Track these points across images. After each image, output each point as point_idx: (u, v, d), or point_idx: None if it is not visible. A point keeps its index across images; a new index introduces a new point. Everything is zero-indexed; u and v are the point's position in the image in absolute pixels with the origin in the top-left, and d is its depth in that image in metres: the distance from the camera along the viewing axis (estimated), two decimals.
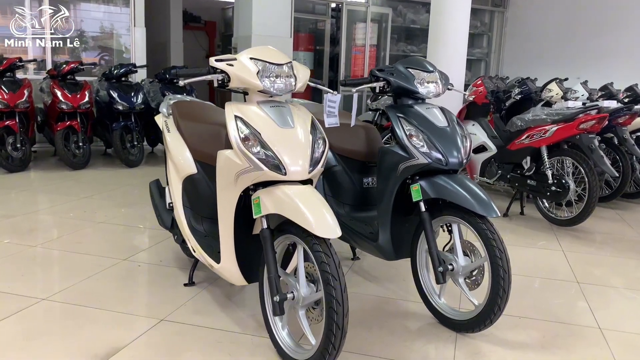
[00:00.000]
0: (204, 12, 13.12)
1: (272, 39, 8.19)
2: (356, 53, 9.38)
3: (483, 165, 4.92)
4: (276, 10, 8.20)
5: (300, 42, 9.56)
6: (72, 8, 8.22)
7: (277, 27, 8.22)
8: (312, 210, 2.02)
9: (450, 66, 5.50)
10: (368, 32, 9.28)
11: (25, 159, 5.80)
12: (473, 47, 10.67)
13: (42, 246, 3.45)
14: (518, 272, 3.37)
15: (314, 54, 9.79)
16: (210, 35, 13.52)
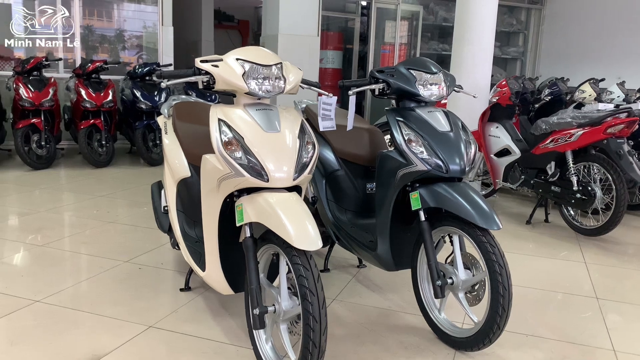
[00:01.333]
0: (237, 11, 13.18)
1: (298, 37, 8.12)
2: (385, 52, 9.20)
3: (506, 170, 4.71)
4: (303, 8, 8.12)
5: (330, 40, 9.45)
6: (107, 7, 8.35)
7: (304, 26, 8.14)
8: (293, 221, 1.91)
9: (475, 65, 5.29)
10: (398, 30, 9.09)
11: (49, 157, 5.88)
12: (508, 45, 10.34)
13: (48, 245, 3.45)
14: (532, 285, 3.19)
15: (343, 52, 9.68)
16: (243, 34, 13.58)
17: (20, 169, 5.72)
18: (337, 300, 2.86)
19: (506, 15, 10.08)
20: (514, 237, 4.15)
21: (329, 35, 9.46)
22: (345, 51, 9.76)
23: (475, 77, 5.31)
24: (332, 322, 2.61)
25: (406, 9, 9.19)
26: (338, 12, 9.47)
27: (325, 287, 2.97)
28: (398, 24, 9.07)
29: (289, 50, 8.13)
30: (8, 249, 3.35)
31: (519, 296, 3.02)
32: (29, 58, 6.08)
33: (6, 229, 3.75)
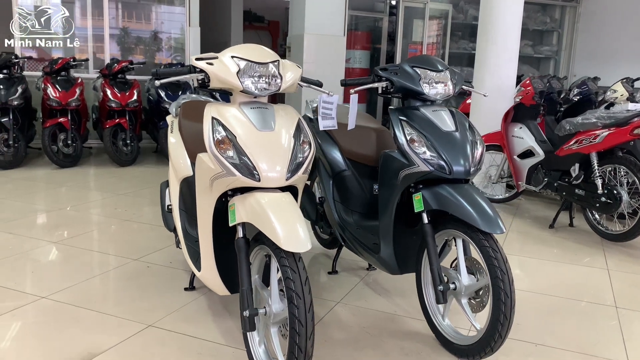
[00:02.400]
0: (268, 11, 13.22)
1: (324, 37, 8.08)
2: (413, 51, 9.07)
3: (529, 172, 4.55)
4: (329, 8, 8.07)
5: (357, 40, 9.38)
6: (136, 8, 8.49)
7: (330, 26, 8.09)
8: (283, 222, 1.87)
9: (499, 65, 5.14)
10: (426, 29, 8.95)
11: (76, 155, 6.00)
12: (542, 44, 10.05)
13: (62, 242, 3.50)
14: (549, 292, 3.07)
15: (371, 52, 9.59)
16: (274, 35, 13.61)
17: (48, 167, 5.84)
18: (342, 303, 2.80)
19: (539, 13, 9.81)
20: (536, 242, 4.01)
21: (357, 35, 9.39)
22: (374, 51, 9.66)
23: (500, 76, 5.17)
24: (333, 326, 2.56)
25: (435, 7, 9.03)
26: (366, 12, 9.39)
27: (332, 290, 2.94)
28: (426, 22, 8.93)
29: (314, 50, 8.10)
30: (23, 245, 3.41)
31: (533, 303, 2.92)
32: (57, 59, 6.22)
33: (25, 225, 3.82)
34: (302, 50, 8.02)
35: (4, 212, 4.11)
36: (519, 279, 3.39)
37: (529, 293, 3.07)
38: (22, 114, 5.85)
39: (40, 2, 7.80)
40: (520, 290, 3.08)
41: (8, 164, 5.64)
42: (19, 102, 5.64)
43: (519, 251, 3.82)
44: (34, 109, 6.33)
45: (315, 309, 2.68)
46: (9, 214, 4.08)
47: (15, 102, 5.61)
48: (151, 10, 8.69)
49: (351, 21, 9.28)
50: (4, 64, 5.76)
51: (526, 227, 4.36)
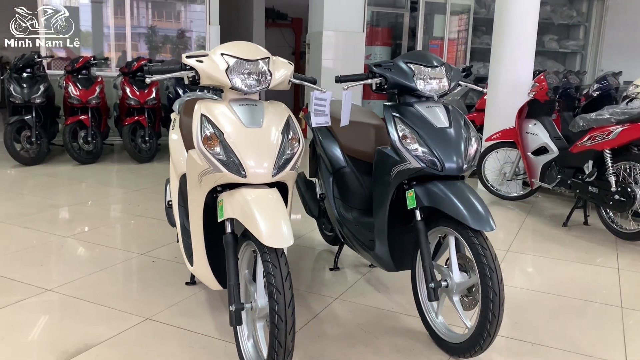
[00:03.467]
0: (291, 9, 13.25)
1: (343, 34, 8.08)
2: (434, 47, 8.98)
3: (543, 169, 4.47)
4: (348, 4, 8.07)
5: (378, 36, 9.33)
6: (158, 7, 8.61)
7: (349, 22, 8.09)
8: (267, 218, 1.89)
9: (515, 60, 5.06)
10: (447, 24, 8.85)
11: (96, 152, 6.14)
12: (568, 39, 9.85)
13: (73, 237, 3.59)
14: (554, 291, 3.01)
15: (393, 48, 9.53)
16: (297, 32, 13.63)
17: (69, 163, 5.99)
18: (340, 299, 2.81)
19: (565, 7, 9.60)
20: (547, 240, 3.94)
21: (378, 31, 9.35)
22: (395, 47, 9.61)
23: (516, 71, 5.09)
24: (329, 322, 2.57)
25: (457, 2, 8.93)
26: (387, 7, 9.33)
27: (331, 286, 2.95)
28: (447, 18, 8.83)
29: (333, 46, 8.11)
30: (35, 239, 3.51)
31: (536, 302, 2.88)
32: (78, 57, 6.36)
33: (40, 220, 3.93)
34: (321, 46, 8.03)
35: (22, 207, 4.24)
36: (526, 277, 3.34)
37: (533, 292, 3.03)
38: (44, 111, 6.01)
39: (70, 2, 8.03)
40: (524, 289, 3.06)
41: (31, 160, 5.81)
42: (41, 100, 5.79)
43: (529, 249, 3.76)
44: (57, 107, 6.50)
45: (313, 304, 2.72)
46: (26, 208, 4.20)
47: (38, 100, 5.76)
48: (175, 9, 8.81)
49: (372, 17, 9.24)
50: (27, 64, 5.92)
51: (539, 225, 4.28)
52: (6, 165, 5.72)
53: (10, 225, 3.79)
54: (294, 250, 3.52)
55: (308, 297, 2.83)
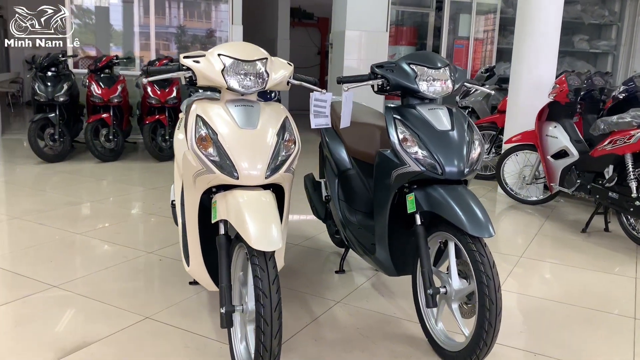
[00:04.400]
0: (317, 8, 13.22)
1: (366, 33, 8.01)
2: (459, 47, 8.84)
3: (563, 173, 4.35)
4: (371, 4, 7.99)
5: (403, 35, 9.24)
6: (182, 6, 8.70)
7: (372, 22, 8.01)
8: (256, 221, 1.87)
9: (538, 61, 4.93)
10: (473, 24, 8.70)
11: (117, 150, 6.22)
12: (599, 39, 9.58)
13: (85, 234, 3.64)
14: (566, 300, 2.92)
15: (418, 48, 9.42)
16: (323, 32, 13.59)
17: (91, 161, 6.09)
18: (342, 303, 2.78)
19: (597, 6, 9.33)
20: (564, 246, 3.83)
21: (403, 31, 9.25)
22: (421, 47, 9.50)
23: (539, 72, 4.96)
24: (328, 325, 2.54)
25: (483, 1, 8.77)
26: (412, 7, 9.22)
27: (334, 289, 2.92)
28: (473, 17, 8.69)
29: (356, 46, 8.05)
30: (48, 236, 3.57)
31: (545, 311, 2.80)
32: (101, 57, 6.47)
33: (55, 216, 3.99)
34: (343, 47, 7.98)
35: (40, 204, 4.32)
36: (537, 285, 3.25)
37: (543, 300, 2.94)
38: (68, 109, 6.12)
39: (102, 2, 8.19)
40: (534, 297, 2.97)
41: (54, 157, 5.92)
42: (64, 98, 5.90)
43: (544, 255, 3.65)
44: (81, 105, 6.61)
45: (314, 307, 2.70)
46: (44, 205, 4.28)
47: (61, 99, 5.87)
48: (203, 8, 8.88)
49: (397, 16, 9.15)
50: (52, 62, 6.04)
51: (557, 231, 4.16)
52: (30, 162, 5.84)
53: (27, 222, 3.87)
54: (301, 252, 3.50)
55: (310, 299, 2.80)
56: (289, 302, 2.75)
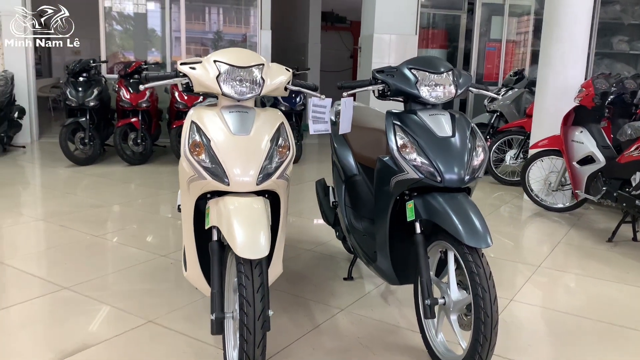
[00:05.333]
0: (351, 12, 13.22)
1: (395, 37, 7.93)
2: (491, 49, 8.66)
3: (589, 180, 4.19)
4: (400, 7, 7.91)
5: (434, 38, 9.13)
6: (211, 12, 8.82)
7: (401, 25, 7.93)
8: (244, 228, 1.86)
9: (565, 64, 4.78)
10: (505, 26, 8.51)
11: (145, 154, 6.35)
12: None
13: (102, 237, 3.72)
14: (581, 313, 2.81)
15: (450, 51, 9.29)
16: (355, 36, 13.55)
17: (119, 164, 6.22)
18: (346, 311, 2.74)
19: (638, 6, 8.98)
20: (587, 256, 3.69)
21: (433, 33, 9.15)
22: (453, 49, 9.36)
23: (566, 76, 4.81)
24: (328, 334, 2.51)
25: (516, 3, 8.57)
26: (443, 9, 9.10)
27: (340, 296, 2.89)
28: (506, 19, 8.50)
29: (384, 50, 7.98)
30: (67, 238, 3.66)
31: (555, 323, 2.70)
32: (131, 62, 6.61)
33: (76, 219, 4.09)
34: (371, 50, 7.93)
35: (64, 206, 4.44)
36: (552, 296, 3.14)
37: (556, 312, 2.83)
38: (98, 114, 6.28)
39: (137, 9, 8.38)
40: (547, 309, 2.88)
41: (83, 161, 6.08)
42: (95, 103, 6.05)
43: (564, 265, 3.53)
44: (112, 110, 6.77)
45: (316, 315, 2.67)
46: (67, 207, 4.40)
47: (91, 103, 6.02)
48: (236, 13, 8.98)
49: (428, 19, 9.05)
50: (83, 68, 6.20)
51: (581, 240, 4.01)
52: (61, 165, 6.01)
53: (49, 223, 3.98)
54: (312, 258, 3.48)
55: (314, 306, 2.78)
56: (292, 308, 2.73)
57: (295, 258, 3.45)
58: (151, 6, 8.48)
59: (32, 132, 7.51)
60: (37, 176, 5.76)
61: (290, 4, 11.51)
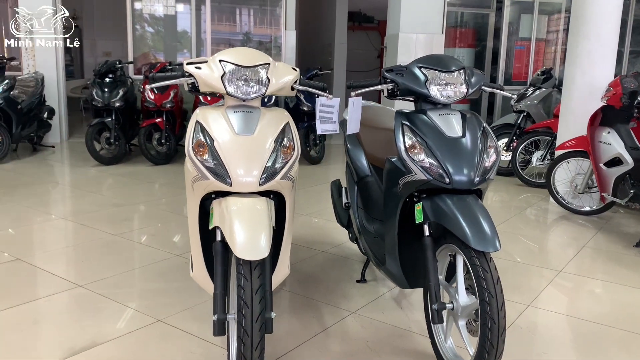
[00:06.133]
0: (378, 12, 13.14)
1: (420, 36, 7.84)
2: (520, 48, 8.48)
3: (616, 182, 4.05)
4: (427, 6, 7.81)
5: (462, 37, 9.00)
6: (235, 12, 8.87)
7: (427, 24, 7.83)
8: (244, 229, 1.84)
9: (592, 62, 4.64)
10: (534, 24, 8.33)
11: (169, 154, 6.42)
12: None
13: (121, 235, 3.76)
14: (598, 320, 2.71)
15: (479, 50, 9.15)
16: (383, 35, 13.47)
17: (144, 164, 6.31)
18: (357, 314, 2.70)
19: None
20: (611, 261, 3.56)
21: (461, 32, 9.01)
22: (482, 49, 9.22)
23: (594, 75, 4.67)
24: (336, 337, 2.47)
25: (547, 1, 8.37)
26: (471, 8, 8.96)
27: (352, 299, 2.85)
28: (535, 17, 8.31)
29: (410, 49, 7.89)
30: (87, 236, 3.72)
31: (573, 330, 2.63)
32: (155, 63, 6.69)
33: (97, 217, 4.15)
34: (397, 49, 7.86)
35: (87, 205, 4.51)
36: (572, 302, 3.04)
37: (574, 319, 2.74)
38: (124, 114, 6.38)
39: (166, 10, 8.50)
40: (565, 315, 2.79)
41: (109, 160, 6.19)
42: (120, 103, 6.15)
43: (587, 271, 3.41)
44: (138, 110, 6.87)
45: (326, 317, 2.64)
46: (90, 206, 4.47)
47: (117, 104, 6.12)
48: (259, 15, 9.02)
49: (456, 18, 8.93)
50: (109, 69, 6.31)
51: (607, 244, 3.88)
52: (86, 164, 6.13)
53: (70, 222, 4.05)
54: (326, 259, 3.45)
55: (324, 309, 2.74)
56: (301, 310, 2.71)
57: (309, 259, 3.42)
58: (180, 8, 8.58)
59: (62, 132, 7.68)
60: (62, 175, 5.88)
61: (317, 4, 11.51)
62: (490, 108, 8.96)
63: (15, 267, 3.14)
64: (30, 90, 6.65)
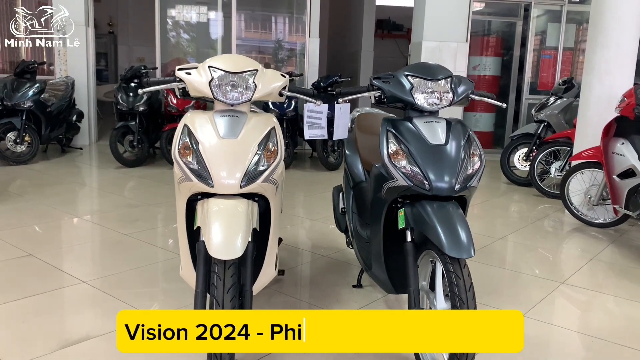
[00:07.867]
0: (407, 20, 13.08)
1: (444, 44, 7.83)
2: (547, 57, 8.36)
3: (629, 194, 3.97)
4: (451, 13, 7.80)
5: (487, 46, 8.92)
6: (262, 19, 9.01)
7: (451, 32, 7.82)
8: (222, 229, 1.91)
9: (610, 72, 4.55)
10: (562, 33, 8.20)
11: None
12: None
13: (131, 235, 3.88)
14: (600, 335, 2.66)
15: (505, 58, 9.06)
16: None
17: (165, 167, 6.46)
18: None
19: None
20: (619, 275, 3.49)
21: (487, 41, 8.94)
22: (509, 57, 9.13)
23: (611, 85, 4.58)
24: None
25: (574, 9, 8.24)
26: (498, 16, 8.89)
27: (345, 303, 2.88)
28: (563, 26, 8.18)
29: (433, 58, 7.88)
30: (98, 235, 3.85)
31: (570, 346, 2.63)
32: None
33: (111, 217, 4.29)
34: (420, 57, 7.85)
35: (103, 205, 4.67)
36: (571, 316, 3.00)
37: (573, 333, 2.70)
38: (147, 118, 6.56)
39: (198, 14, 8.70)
40: (564, 329, 2.76)
41: (132, 163, 6.36)
42: (144, 108, 6.32)
43: (592, 284, 3.35)
44: (162, 114, 7.05)
45: None
46: (105, 206, 4.62)
47: (141, 108, 6.30)
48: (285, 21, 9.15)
49: (482, 26, 8.87)
50: (134, 74, 6.50)
51: (617, 257, 3.80)
52: (110, 166, 6.32)
53: (85, 221, 4.19)
54: (326, 264, 3.48)
55: None
56: None
57: (309, 263, 3.47)
58: (212, 16, 8.78)
59: (91, 134, 7.93)
60: (86, 176, 6.08)
61: (346, 13, 11.59)
62: (515, 117, 8.85)
63: (25, 262, 3.28)
64: (60, 93, 6.90)
